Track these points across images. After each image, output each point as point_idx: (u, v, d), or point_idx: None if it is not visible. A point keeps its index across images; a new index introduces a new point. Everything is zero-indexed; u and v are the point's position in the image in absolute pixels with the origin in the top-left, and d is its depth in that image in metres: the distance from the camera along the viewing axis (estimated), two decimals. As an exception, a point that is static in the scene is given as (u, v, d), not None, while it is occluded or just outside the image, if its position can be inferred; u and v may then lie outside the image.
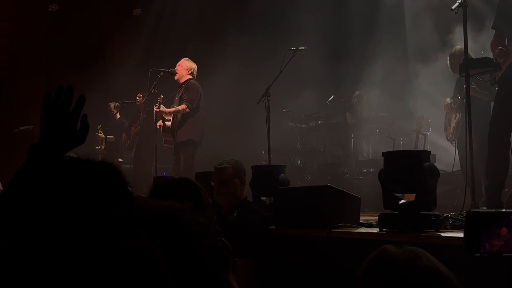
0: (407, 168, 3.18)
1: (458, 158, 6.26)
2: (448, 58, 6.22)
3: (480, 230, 1.30)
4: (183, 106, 6.97)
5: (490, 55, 4.66)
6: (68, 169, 1.17)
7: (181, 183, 2.18)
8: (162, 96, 7.07)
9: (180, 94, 7.13)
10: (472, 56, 5.06)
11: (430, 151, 3.28)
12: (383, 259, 1.29)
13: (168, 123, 7.08)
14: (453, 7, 4.04)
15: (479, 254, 1.29)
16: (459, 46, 6.12)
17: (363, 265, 1.33)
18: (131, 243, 0.87)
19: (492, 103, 4.95)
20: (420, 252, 1.29)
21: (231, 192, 4.05)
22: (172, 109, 7.01)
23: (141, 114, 8.37)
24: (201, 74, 7.43)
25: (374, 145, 8.68)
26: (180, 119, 7.07)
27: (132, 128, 8.71)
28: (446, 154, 7.07)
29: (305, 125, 9.47)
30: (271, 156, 5.86)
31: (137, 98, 7.96)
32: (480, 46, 6.15)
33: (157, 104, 6.94)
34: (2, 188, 3.02)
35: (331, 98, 9.13)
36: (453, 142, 6.45)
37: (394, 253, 1.29)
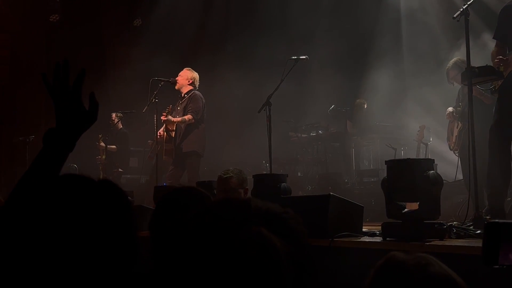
0: (411, 177, 3.16)
1: (460, 167, 6.25)
2: (445, 72, 6.23)
3: (499, 241, 1.26)
4: (189, 116, 6.97)
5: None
6: (67, 188, 1.14)
7: (188, 191, 2.16)
8: (170, 106, 7.09)
9: (184, 105, 7.13)
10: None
11: (433, 160, 3.26)
12: (393, 266, 1.27)
13: (172, 133, 7.07)
14: (454, 16, 4.03)
15: (497, 266, 1.26)
16: (454, 59, 6.15)
17: (371, 272, 1.31)
18: (251, 232, 0.88)
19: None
20: (431, 259, 1.27)
21: None
22: (178, 119, 7.01)
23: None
24: (201, 84, 7.43)
25: (375, 155, 8.67)
26: (184, 130, 7.07)
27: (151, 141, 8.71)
28: (447, 163, 7.06)
29: (305, 135, 9.45)
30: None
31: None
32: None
33: (165, 113, 6.95)
34: (2, 200, 2.99)
35: (331, 107, 9.12)
36: (455, 152, 6.43)
37: (405, 260, 1.27)
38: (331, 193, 3.74)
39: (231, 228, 0.89)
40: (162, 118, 6.99)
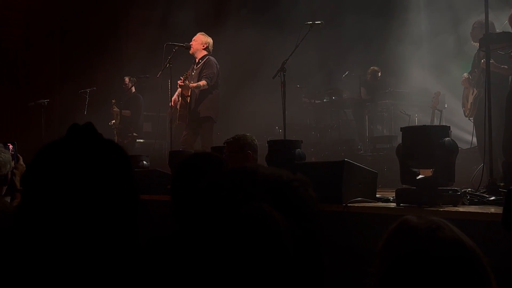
0: (426, 144, 3.17)
1: (475, 134, 6.24)
2: (471, 28, 6.12)
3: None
4: (203, 82, 6.96)
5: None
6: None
7: (206, 157, 2.20)
8: (189, 71, 7.09)
9: (199, 70, 7.12)
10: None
11: (449, 126, 3.27)
12: (404, 230, 1.30)
13: (187, 99, 7.08)
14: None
15: None
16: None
17: (384, 236, 1.34)
18: (251, 208, 0.85)
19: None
20: (442, 222, 1.29)
21: (231, 166, 4.14)
22: (194, 84, 7.00)
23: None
24: (215, 49, 7.41)
25: (388, 121, 8.64)
26: (199, 95, 7.07)
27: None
28: (461, 130, 7.04)
29: (319, 101, 9.43)
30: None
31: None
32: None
33: (182, 78, 6.95)
34: (23, 164, 3.05)
35: (346, 73, 9.07)
36: (470, 118, 6.40)
37: (416, 224, 1.29)
38: (346, 159, 3.76)
39: (233, 203, 0.88)
40: (179, 82, 6.99)
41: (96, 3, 10.44)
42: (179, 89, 7.10)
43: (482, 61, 5.20)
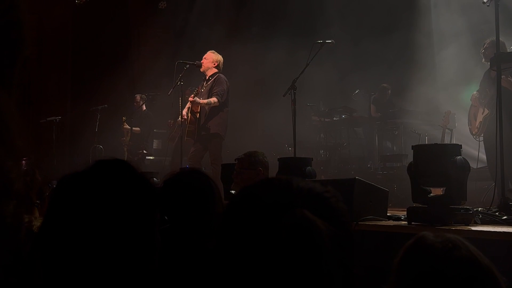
0: (438, 162, 3.17)
1: (482, 153, 6.20)
2: (482, 49, 6.11)
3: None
4: (214, 99, 7.00)
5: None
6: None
7: (192, 173, 2.14)
8: (199, 87, 7.14)
9: (209, 87, 7.16)
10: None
11: (461, 145, 3.26)
12: (421, 248, 1.29)
13: (197, 115, 7.11)
14: (485, 0, 3.98)
15: None
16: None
17: (400, 252, 1.33)
18: (296, 215, 0.86)
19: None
20: (459, 241, 1.29)
21: (242, 183, 4.20)
22: (204, 101, 7.04)
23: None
24: (226, 66, 7.45)
25: (398, 140, 8.62)
26: (208, 112, 7.10)
27: (171, 120, 8.74)
28: (472, 149, 6.99)
29: (329, 119, 9.43)
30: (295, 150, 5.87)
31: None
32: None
33: (193, 95, 7.00)
34: (38, 177, 3.08)
35: (356, 92, 9.08)
36: (477, 137, 6.35)
37: (432, 242, 1.29)
38: (357, 177, 3.75)
39: (274, 211, 0.88)
40: (190, 99, 7.04)
41: (108, 22, 10.56)
42: (189, 104, 7.14)
43: (503, 76, 5.17)
